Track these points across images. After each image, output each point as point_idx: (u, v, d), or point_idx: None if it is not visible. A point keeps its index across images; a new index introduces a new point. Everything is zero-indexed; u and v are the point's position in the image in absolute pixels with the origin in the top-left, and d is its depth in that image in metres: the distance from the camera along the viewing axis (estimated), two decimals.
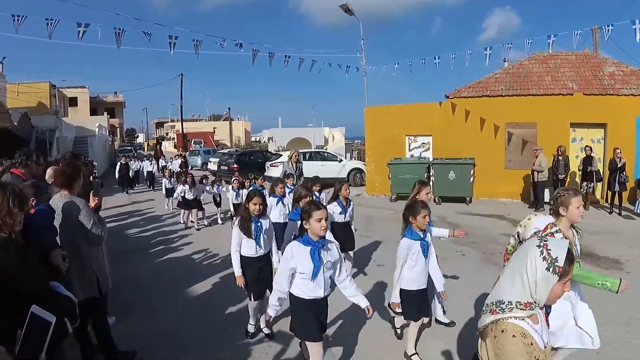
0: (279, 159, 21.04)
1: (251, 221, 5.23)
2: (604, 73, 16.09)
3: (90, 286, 4.35)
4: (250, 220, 5.23)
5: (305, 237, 3.88)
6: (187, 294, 7.07)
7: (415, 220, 4.65)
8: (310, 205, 3.96)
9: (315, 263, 3.82)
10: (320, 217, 3.80)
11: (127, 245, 10.23)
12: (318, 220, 3.80)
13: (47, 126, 22.21)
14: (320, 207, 3.89)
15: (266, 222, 5.45)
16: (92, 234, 4.30)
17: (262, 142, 57.70)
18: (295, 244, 3.92)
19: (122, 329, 5.34)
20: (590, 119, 15.18)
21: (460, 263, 8.39)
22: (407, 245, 4.64)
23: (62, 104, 40.77)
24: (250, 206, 5.23)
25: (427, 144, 17.65)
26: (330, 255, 3.96)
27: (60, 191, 4.36)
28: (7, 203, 2.81)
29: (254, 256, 5.28)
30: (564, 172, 13.92)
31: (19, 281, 2.71)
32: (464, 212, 13.78)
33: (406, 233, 4.71)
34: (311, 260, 3.82)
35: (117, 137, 57.26)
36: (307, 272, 3.83)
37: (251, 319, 5.52)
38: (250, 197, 5.33)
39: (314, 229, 3.83)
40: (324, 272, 3.89)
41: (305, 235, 3.89)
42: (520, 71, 17.19)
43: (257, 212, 5.25)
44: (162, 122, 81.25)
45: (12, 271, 2.70)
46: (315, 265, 3.82)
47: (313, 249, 3.84)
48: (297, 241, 3.94)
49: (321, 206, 3.94)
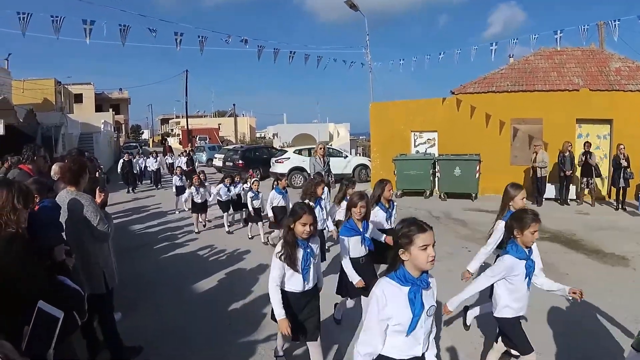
0: (284, 154, 21.05)
1: (298, 246, 3.92)
2: (610, 69, 16.00)
3: (97, 282, 4.37)
4: (296, 245, 3.91)
5: (402, 272, 2.70)
6: (192, 290, 7.07)
7: (521, 235, 3.78)
8: (410, 226, 2.70)
9: (415, 311, 2.66)
10: (427, 244, 2.64)
11: (132, 241, 10.28)
12: (423, 249, 2.63)
13: (52, 123, 22.29)
14: (425, 229, 2.67)
15: (316, 245, 4.12)
16: (98, 230, 4.29)
17: (267, 138, 57.75)
18: (386, 283, 2.72)
19: (127, 325, 5.34)
20: (596, 115, 15.09)
21: (466, 259, 8.29)
22: (510, 265, 3.78)
23: (68, 100, 40.94)
24: (298, 227, 3.89)
25: (432, 139, 17.58)
26: (432, 296, 2.82)
27: (66, 187, 4.37)
28: (11, 200, 2.82)
29: (301, 292, 4.05)
30: (570, 168, 13.89)
31: (25, 276, 2.72)
32: (470, 208, 13.74)
33: (510, 249, 3.84)
34: (409, 306, 2.66)
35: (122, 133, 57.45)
36: (403, 322, 2.67)
37: (280, 349, 4.76)
38: (297, 214, 3.92)
39: (417, 260, 2.65)
40: (425, 321, 2.74)
41: (402, 269, 2.71)
42: (526, 67, 17.10)
43: (307, 235, 3.93)
44: (167, 118, 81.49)
45: (18, 266, 2.71)
46: (415, 315, 2.67)
47: (414, 289, 2.69)
48: (389, 278, 2.74)
49: (426, 227, 2.70)
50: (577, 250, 8.87)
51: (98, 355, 4.66)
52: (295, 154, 20.74)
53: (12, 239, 2.77)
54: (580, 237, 9.83)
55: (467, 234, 10.39)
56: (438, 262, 8.07)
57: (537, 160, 14.11)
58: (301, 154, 20.66)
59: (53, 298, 2.72)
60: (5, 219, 2.79)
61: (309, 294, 4.11)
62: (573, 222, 11.56)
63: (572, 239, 9.79)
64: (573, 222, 11.56)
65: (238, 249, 9.17)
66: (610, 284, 6.87)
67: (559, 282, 3.96)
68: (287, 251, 3.89)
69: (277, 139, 49.21)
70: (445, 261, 7.97)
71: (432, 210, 13.18)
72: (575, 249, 9.05)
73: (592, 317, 5.65)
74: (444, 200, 15.21)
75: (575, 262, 8.15)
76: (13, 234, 2.79)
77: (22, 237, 2.86)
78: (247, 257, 8.82)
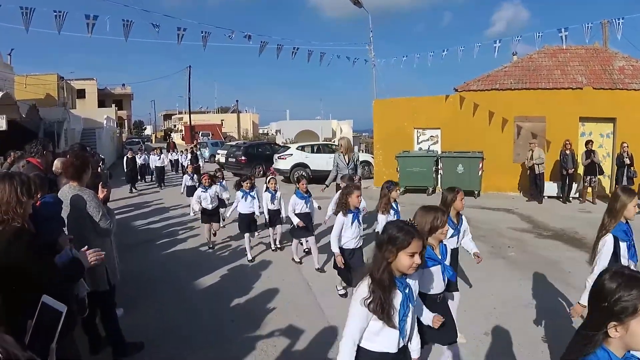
0: (287, 151, 21.02)
1: (395, 288, 2.60)
2: (614, 67, 15.95)
3: (100, 279, 4.37)
4: (393, 287, 2.58)
5: None
6: (194, 286, 7.06)
7: (626, 209, 3.78)
8: None
9: None
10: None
11: (134, 237, 10.25)
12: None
13: (55, 118, 22.35)
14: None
15: (414, 281, 2.88)
16: (101, 226, 4.30)
17: (269, 135, 57.70)
18: None
19: (128, 322, 5.30)
20: (599, 114, 15.08)
21: (468, 256, 8.32)
22: (612, 243, 3.77)
23: (70, 96, 40.91)
24: (402, 260, 2.56)
25: (435, 137, 17.57)
26: None
27: (69, 182, 4.37)
28: (15, 193, 2.81)
29: (395, 352, 2.68)
30: (572, 166, 13.90)
31: (30, 270, 2.71)
32: (472, 205, 13.71)
33: (616, 228, 3.82)
34: None
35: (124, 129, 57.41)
36: None
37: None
38: (401, 241, 2.55)
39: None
40: None
41: None
42: (529, 65, 17.05)
43: (415, 269, 2.64)
44: (169, 114, 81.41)
45: (25, 261, 2.70)
46: None
47: None
48: None
49: None
50: (580, 248, 8.84)
51: (100, 352, 4.68)
52: (298, 150, 20.69)
53: (18, 233, 2.76)
54: (583, 235, 9.80)
55: (470, 232, 10.34)
56: None
57: (533, 157, 14.13)
58: (304, 150, 20.66)
59: (57, 293, 2.72)
60: (12, 214, 2.78)
61: (403, 351, 2.76)
62: (575, 220, 11.54)
63: (574, 237, 9.77)
64: (575, 220, 11.54)
65: (241, 245, 9.13)
66: None
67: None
68: (379, 297, 2.52)
69: (279, 135, 49.16)
70: None
71: None
72: (577, 247, 9.03)
73: None
74: None
75: (578, 260, 8.13)
76: (19, 229, 2.78)
77: (28, 231, 2.85)
78: None
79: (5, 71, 27.50)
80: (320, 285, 6.91)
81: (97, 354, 4.67)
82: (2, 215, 2.76)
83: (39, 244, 2.91)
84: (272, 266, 7.96)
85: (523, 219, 11.76)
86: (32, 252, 2.74)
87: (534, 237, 9.93)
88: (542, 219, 11.62)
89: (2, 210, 2.75)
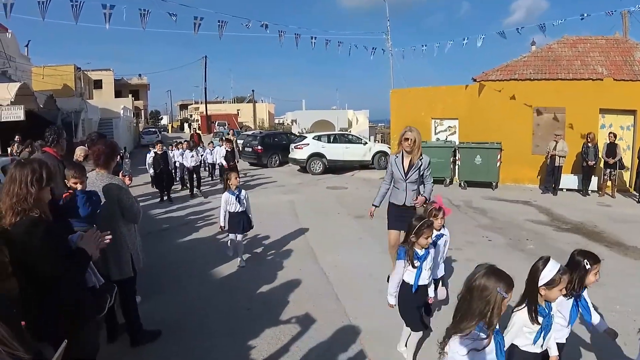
0: (304, 140, 20.96)
1: None
2: (635, 58, 15.63)
3: (126, 266, 4.45)
4: None
5: None
6: (212, 275, 7.09)
7: None
8: None
9: None
10: None
11: (152, 225, 10.28)
12: None
13: (72, 108, 22.55)
14: None
15: None
16: (130, 213, 4.41)
17: (285, 125, 57.74)
18: None
19: (145, 309, 5.33)
20: (619, 105, 14.81)
21: (486, 249, 8.30)
22: None
23: (87, 86, 41.29)
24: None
25: (453, 127, 17.43)
26: None
27: (95, 170, 4.44)
28: (26, 185, 2.78)
29: None
30: (594, 158, 13.71)
31: (46, 261, 2.73)
32: (490, 197, 13.63)
33: None
34: None
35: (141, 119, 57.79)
36: None
37: None
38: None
39: None
40: None
41: None
42: (549, 55, 16.80)
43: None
44: (186, 104, 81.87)
45: (42, 250, 2.71)
46: None
47: None
48: None
49: None
50: (599, 243, 8.74)
51: (116, 340, 4.72)
52: (314, 140, 20.59)
53: (35, 223, 2.76)
54: (602, 229, 9.70)
55: (487, 223, 10.30)
56: (458, 251, 8.08)
57: (557, 148, 13.94)
58: (320, 140, 20.54)
59: None
60: (26, 205, 2.77)
61: None
62: (594, 213, 11.41)
63: (593, 231, 9.66)
64: (594, 213, 11.41)
65: (258, 234, 9.14)
66: (631, 277, 6.81)
67: None
68: None
69: (295, 125, 49.14)
70: (465, 250, 7.93)
71: (452, 199, 13.06)
72: (597, 241, 8.92)
73: (613, 310, 5.57)
74: (464, 188, 15.10)
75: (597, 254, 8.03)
76: (36, 219, 2.78)
77: (45, 221, 2.84)
78: (267, 242, 8.83)
79: (22, 62, 27.77)
80: (337, 276, 6.90)
81: (115, 341, 4.72)
82: (18, 206, 2.76)
83: (57, 234, 2.91)
84: (289, 256, 7.96)
85: (541, 212, 11.64)
86: (48, 243, 2.75)
87: (553, 230, 9.82)
88: (561, 212, 11.50)
89: (15, 202, 2.76)
